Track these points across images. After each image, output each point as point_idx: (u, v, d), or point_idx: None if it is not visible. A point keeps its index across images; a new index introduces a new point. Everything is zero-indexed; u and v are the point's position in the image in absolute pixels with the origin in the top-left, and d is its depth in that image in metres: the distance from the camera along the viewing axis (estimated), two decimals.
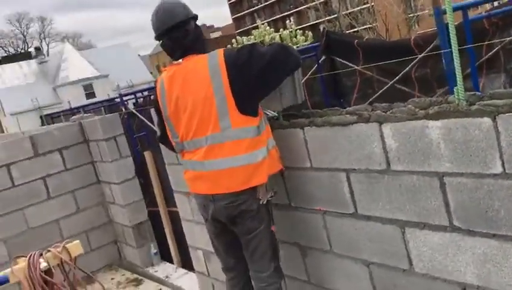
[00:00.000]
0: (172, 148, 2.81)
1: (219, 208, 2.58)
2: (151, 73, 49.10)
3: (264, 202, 2.56)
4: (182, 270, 5.01)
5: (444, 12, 3.16)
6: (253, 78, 2.40)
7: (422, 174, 2.06)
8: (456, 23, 4.16)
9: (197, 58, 2.52)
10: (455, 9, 3.44)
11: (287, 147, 2.68)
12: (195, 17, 2.61)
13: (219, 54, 2.46)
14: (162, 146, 3.35)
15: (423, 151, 2.02)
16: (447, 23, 3.30)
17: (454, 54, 1.92)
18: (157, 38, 2.60)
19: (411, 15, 32.34)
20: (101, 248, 5.46)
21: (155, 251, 5.20)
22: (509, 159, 1.75)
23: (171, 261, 5.37)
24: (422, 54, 4.33)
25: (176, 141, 2.68)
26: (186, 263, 4.93)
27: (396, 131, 2.10)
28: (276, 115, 2.74)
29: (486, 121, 1.78)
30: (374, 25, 28.85)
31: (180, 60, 2.60)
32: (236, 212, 2.55)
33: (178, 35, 2.52)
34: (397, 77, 4.90)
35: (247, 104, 2.43)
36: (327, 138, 2.44)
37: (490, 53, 4.52)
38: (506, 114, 1.72)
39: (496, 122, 1.75)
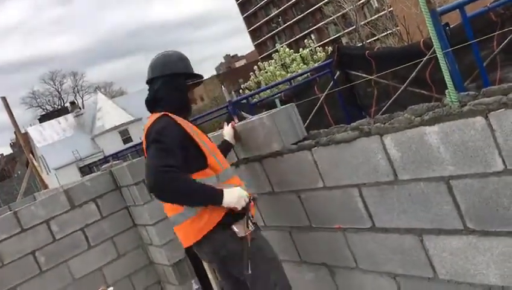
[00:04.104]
0: None
1: (205, 255, 2.75)
2: None
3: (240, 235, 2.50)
4: None
5: (440, 13, 3.15)
6: None
7: (428, 181, 2.05)
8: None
9: (149, 121, 2.61)
10: (452, 9, 3.44)
11: (299, 170, 2.72)
12: (176, 75, 2.65)
13: (149, 125, 2.54)
14: None
15: (425, 158, 2.02)
16: (445, 24, 3.30)
17: (439, 57, 1.94)
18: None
19: None
20: None
21: (196, 286, 5.24)
22: (508, 155, 1.74)
23: None
24: (426, 57, 4.30)
25: None
26: None
27: (397, 141, 2.11)
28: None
29: (479, 120, 1.78)
30: (394, 29, 28.58)
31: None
32: (220, 256, 2.60)
33: (148, 91, 2.72)
34: (407, 81, 4.87)
35: None
36: (334, 156, 2.46)
37: (503, 43, 4.45)
38: (497, 111, 1.72)
39: (488, 120, 1.75)
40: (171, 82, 2.65)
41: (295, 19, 67.72)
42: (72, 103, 52.20)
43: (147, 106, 2.71)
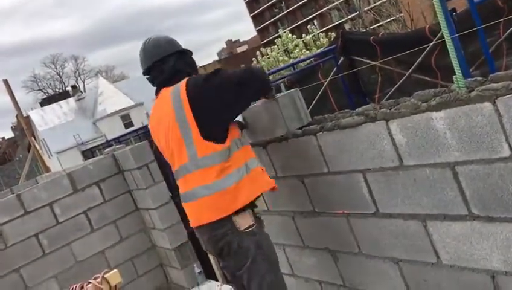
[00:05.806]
0: None
1: (204, 242, 2.62)
2: None
3: (241, 228, 2.45)
4: (227, 287, 5.07)
5: None
6: (218, 103, 2.43)
7: (434, 166, 2.05)
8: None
9: (166, 92, 2.57)
10: None
11: (304, 155, 2.71)
12: (177, 52, 2.66)
13: (182, 84, 2.49)
14: None
15: (431, 144, 2.02)
16: (451, 9, 3.26)
17: (447, 43, 1.92)
18: (144, 74, 2.75)
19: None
20: (148, 273, 5.59)
21: (199, 270, 5.28)
22: None
23: (216, 279, 5.45)
24: (433, 43, 4.27)
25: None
26: None
27: (403, 126, 2.11)
28: None
29: (487, 105, 1.77)
30: (398, 16, 28.37)
31: (156, 96, 2.71)
32: (218, 247, 2.51)
33: (154, 74, 2.66)
34: (412, 68, 4.84)
35: (212, 130, 2.45)
36: (339, 141, 2.46)
37: (509, 30, 4.41)
38: (505, 96, 1.71)
39: (496, 106, 1.74)
40: (184, 57, 2.68)
41: (298, 5, 67.15)
42: (74, 87, 52.14)
43: (163, 84, 2.63)
